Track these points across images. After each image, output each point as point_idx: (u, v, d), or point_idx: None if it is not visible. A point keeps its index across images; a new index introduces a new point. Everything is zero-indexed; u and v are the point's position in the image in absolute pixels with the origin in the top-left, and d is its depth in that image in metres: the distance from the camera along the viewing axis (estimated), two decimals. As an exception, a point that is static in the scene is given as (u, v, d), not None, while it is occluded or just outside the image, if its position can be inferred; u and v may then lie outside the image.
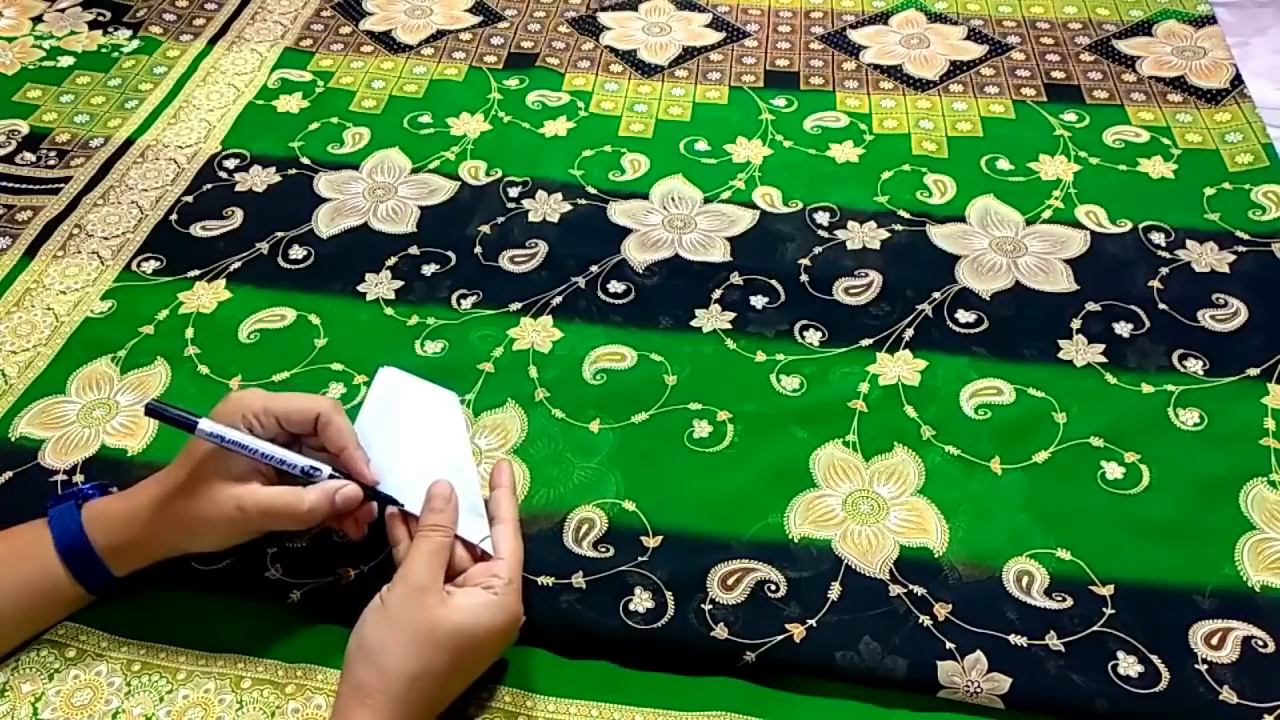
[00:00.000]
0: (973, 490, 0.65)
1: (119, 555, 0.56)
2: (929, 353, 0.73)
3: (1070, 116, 0.95)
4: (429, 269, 0.80)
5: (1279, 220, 0.83)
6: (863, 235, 0.83)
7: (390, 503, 0.57)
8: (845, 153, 0.91)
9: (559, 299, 0.77)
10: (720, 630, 0.57)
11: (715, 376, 0.72)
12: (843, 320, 0.76)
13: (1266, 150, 0.90)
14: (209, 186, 0.87)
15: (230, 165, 0.90)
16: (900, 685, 0.56)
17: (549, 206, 0.86)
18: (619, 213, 0.85)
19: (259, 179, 0.88)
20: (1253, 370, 0.72)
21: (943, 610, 0.58)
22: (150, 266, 0.80)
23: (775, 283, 0.78)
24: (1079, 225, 0.83)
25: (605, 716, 0.55)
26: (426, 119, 0.95)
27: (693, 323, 0.76)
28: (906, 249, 0.81)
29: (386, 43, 1.06)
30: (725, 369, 0.72)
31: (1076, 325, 0.75)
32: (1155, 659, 0.56)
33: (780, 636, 0.57)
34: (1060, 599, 0.59)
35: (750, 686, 0.56)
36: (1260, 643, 0.57)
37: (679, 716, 0.54)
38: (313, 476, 0.55)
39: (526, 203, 0.86)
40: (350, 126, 0.94)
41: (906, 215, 0.84)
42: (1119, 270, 0.79)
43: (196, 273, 0.79)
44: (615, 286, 0.78)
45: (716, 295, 0.78)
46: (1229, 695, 0.55)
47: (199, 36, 1.05)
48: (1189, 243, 0.81)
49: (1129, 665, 0.56)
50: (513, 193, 0.87)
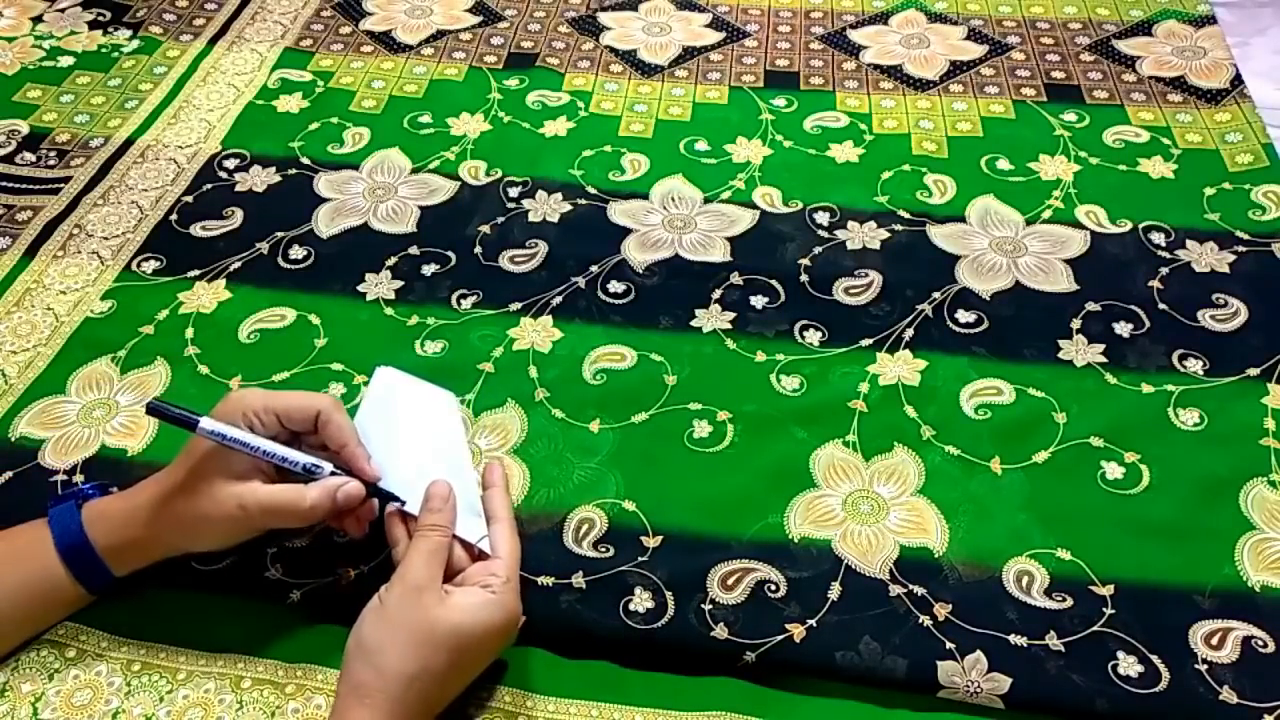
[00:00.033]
0: (973, 490, 0.65)
1: (119, 555, 0.56)
2: (929, 353, 0.73)
3: (1070, 116, 0.95)
4: (429, 269, 0.80)
5: (1279, 220, 0.83)
6: (863, 235, 0.82)
7: (391, 500, 0.57)
8: (845, 153, 0.91)
9: (559, 299, 0.77)
10: (720, 630, 0.57)
11: (715, 376, 0.72)
12: (843, 320, 0.75)
13: (1266, 150, 0.90)
14: (209, 186, 0.87)
15: (230, 165, 0.90)
16: (900, 685, 0.56)
17: (549, 206, 0.86)
18: (619, 213, 0.85)
19: (259, 179, 0.88)
20: (1253, 370, 0.72)
21: (943, 610, 0.58)
22: (150, 266, 0.80)
23: (775, 283, 0.78)
24: (1079, 225, 0.83)
25: (605, 716, 0.55)
26: (426, 119, 0.95)
27: (693, 323, 0.76)
28: (906, 249, 0.81)
29: (386, 43, 1.06)
30: (725, 369, 0.72)
31: (1076, 325, 0.75)
32: (1155, 659, 0.56)
33: (780, 636, 0.57)
34: (1060, 599, 0.59)
35: (750, 686, 0.56)
36: (1260, 643, 0.57)
37: (679, 716, 0.54)
38: (314, 474, 0.55)
39: (526, 203, 0.86)
40: (350, 126, 0.94)
41: (906, 215, 0.84)
42: (1119, 270, 0.79)
43: (196, 273, 0.79)
44: (615, 286, 0.78)
45: (716, 295, 0.78)
46: (1229, 695, 0.55)
47: (199, 36, 1.05)
48: (1189, 243, 0.81)
49: (1129, 665, 0.56)
50: (513, 193, 0.87)
